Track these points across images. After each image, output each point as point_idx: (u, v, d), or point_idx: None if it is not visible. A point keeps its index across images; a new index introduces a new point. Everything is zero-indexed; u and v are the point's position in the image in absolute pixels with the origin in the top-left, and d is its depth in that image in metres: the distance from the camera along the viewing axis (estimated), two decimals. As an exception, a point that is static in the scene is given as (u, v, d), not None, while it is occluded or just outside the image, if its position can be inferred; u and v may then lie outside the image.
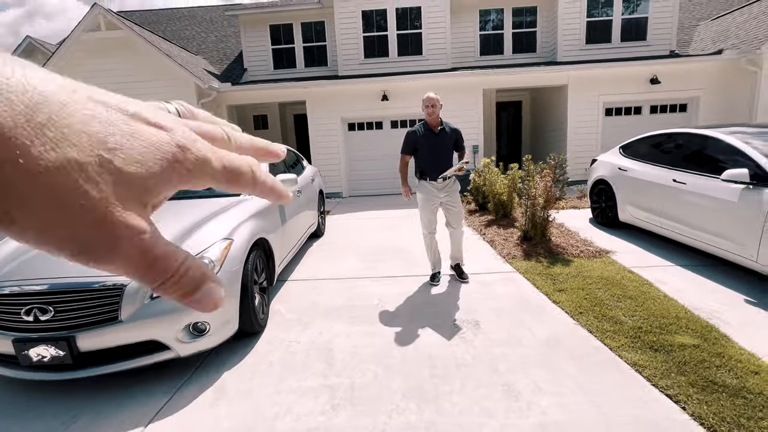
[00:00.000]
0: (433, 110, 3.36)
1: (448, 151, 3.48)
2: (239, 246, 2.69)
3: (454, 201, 3.51)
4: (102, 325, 2.11)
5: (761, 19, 9.07)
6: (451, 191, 3.50)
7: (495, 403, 2.07)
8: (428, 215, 3.55)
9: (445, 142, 3.44)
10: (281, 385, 2.32)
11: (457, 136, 3.52)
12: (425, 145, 3.42)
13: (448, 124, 3.49)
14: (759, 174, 3.23)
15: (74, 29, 8.59)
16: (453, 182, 3.50)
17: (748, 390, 2.01)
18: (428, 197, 3.49)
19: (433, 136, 3.41)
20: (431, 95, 3.36)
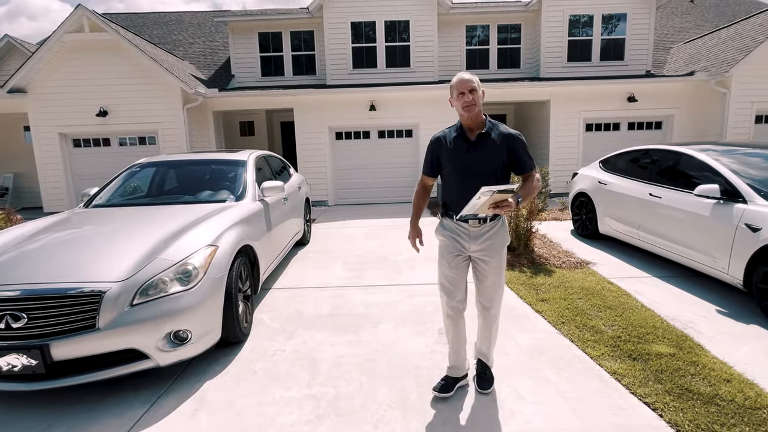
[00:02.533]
0: (472, 100, 1.94)
1: (491, 171, 1.99)
2: (224, 253, 2.66)
3: (493, 259, 2.04)
4: (78, 333, 2.04)
5: (729, 44, 9.59)
6: (491, 242, 2.03)
7: (479, 411, 2.09)
8: (448, 272, 2.13)
9: (487, 157, 1.99)
10: (264, 394, 2.28)
11: (514, 145, 2.00)
12: (453, 162, 2.05)
13: (499, 127, 2.04)
14: (729, 190, 3.39)
15: (56, 30, 8.42)
16: (496, 227, 2.04)
17: (721, 397, 2.08)
18: (450, 243, 2.10)
19: (467, 146, 2.02)
20: (465, 76, 1.98)
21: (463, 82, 1.98)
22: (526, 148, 2.07)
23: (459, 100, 2.00)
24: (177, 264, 2.36)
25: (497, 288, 2.14)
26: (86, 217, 3.16)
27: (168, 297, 2.26)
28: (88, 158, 9.35)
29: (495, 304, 2.17)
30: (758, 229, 3.02)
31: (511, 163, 2.05)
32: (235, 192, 3.65)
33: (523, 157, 2.05)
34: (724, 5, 15.24)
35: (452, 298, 2.18)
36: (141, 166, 4.09)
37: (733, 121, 8.96)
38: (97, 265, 2.23)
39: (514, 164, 2.06)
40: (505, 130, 2.05)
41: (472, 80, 1.99)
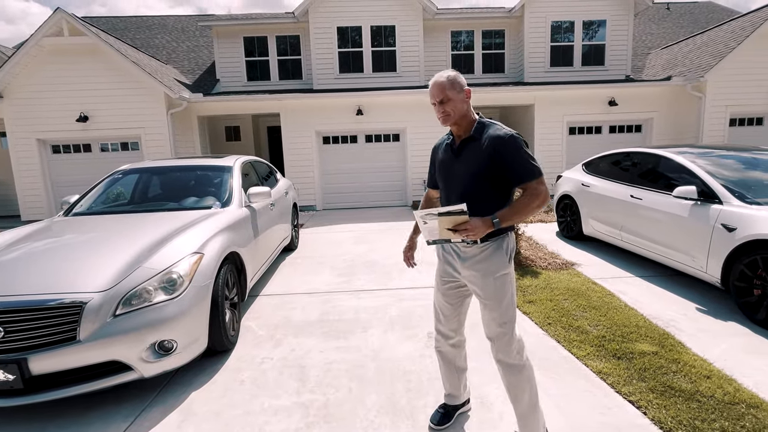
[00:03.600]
0: (445, 112, 1.68)
1: (475, 185, 1.67)
2: (210, 260, 2.62)
3: (483, 289, 1.70)
4: (58, 346, 1.98)
5: (703, 50, 9.93)
6: (480, 266, 1.69)
7: (468, 415, 2.10)
8: (439, 297, 1.92)
9: (468, 166, 1.69)
10: (252, 404, 2.24)
11: (500, 149, 1.61)
12: (439, 171, 1.85)
13: (489, 129, 1.67)
14: (705, 191, 3.51)
15: (34, 33, 8.21)
16: (488, 249, 1.68)
17: (702, 393, 2.14)
18: (441, 266, 1.89)
19: (452, 155, 1.76)
20: (435, 80, 1.70)
21: (432, 92, 1.70)
22: (520, 152, 1.60)
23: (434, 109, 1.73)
24: (161, 273, 2.32)
25: (497, 327, 1.68)
26: (66, 225, 3.08)
27: (152, 306, 2.22)
28: (68, 165, 9.12)
29: (499, 348, 1.70)
30: (734, 229, 3.13)
31: (501, 171, 1.62)
32: (221, 198, 3.61)
33: (513, 163, 1.59)
34: (698, 12, 15.79)
35: (439, 326, 1.93)
36: (124, 173, 4.01)
37: (709, 124, 9.27)
38: (78, 276, 2.18)
39: (506, 174, 1.62)
40: (495, 131, 1.64)
41: (443, 86, 1.66)
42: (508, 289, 1.70)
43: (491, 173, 1.64)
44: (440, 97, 1.68)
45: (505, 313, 1.68)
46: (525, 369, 1.72)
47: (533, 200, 1.58)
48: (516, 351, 1.70)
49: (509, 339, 1.69)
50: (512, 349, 1.70)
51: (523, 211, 1.59)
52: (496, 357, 1.74)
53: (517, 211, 1.59)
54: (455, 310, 1.88)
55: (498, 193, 1.67)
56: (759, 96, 9.32)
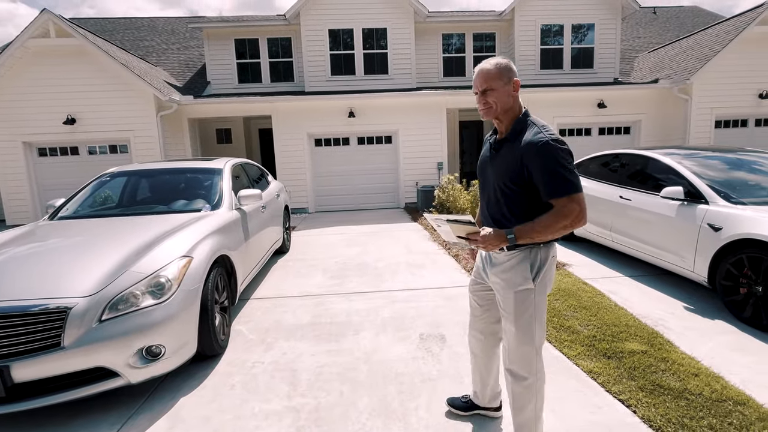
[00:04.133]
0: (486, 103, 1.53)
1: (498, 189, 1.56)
2: (199, 264, 2.59)
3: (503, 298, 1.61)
4: (42, 353, 1.94)
5: (689, 53, 10.13)
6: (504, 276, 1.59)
7: (461, 416, 2.09)
8: (471, 297, 1.87)
9: (497, 170, 1.57)
10: (243, 409, 2.22)
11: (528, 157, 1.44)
12: (479, 172, 1.72)
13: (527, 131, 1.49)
14: (692, 191, 3.56)
15: (19, 35, 8.08)
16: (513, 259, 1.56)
17: (690, 391, 2.16)
18: (475, 266, 1.84)
19: (490, 153, 1.64)
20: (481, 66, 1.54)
21: (477, 80, 1.52)
22: (553, 163, 1.39)
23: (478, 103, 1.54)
24: (149, 276, 2.28)
25: (510, 339, 1.60)
26: (51, 229, 3.02)
27: (140, 311, 2.18)
28: (54, 168, 8.97)
29: (511, 359, 1.62)
30: (719, 229, 3.18)
31: (530, 181, 1.45)
32: (211, 201, 3.57)
33: (542, 173, 1.40)
34: (684, 16, 16.11)
35: (471, 323, 1.91)
36: (111, 176, 3.94)
37: (695, 126, 9.44)
38: (63, 280, 2.13)
39: (535, 184, 1.45)
40: (530, 135, 1.45)
41: (490, 74, 1.48)
42: (529, 307, 1.55)
43: (522, 181, 1.46)
44: (483, 86, 1.49)
45: (524, 329, 1.56)
46: (536, 382, 1.62)
47: (559, 220, 1.39)
48: (528, 364, 1.60)
49: (524, 353, 1.59)
50: (525, 362, 1.60)
51: (545, 231, 1.41)
52: (506, 365, 1.66)
53: (537, 229, 1.42)
54: (483, 310, 1.82)
55: (528, 205, 1.48)
56: (743, 98, 9.52)
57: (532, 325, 1.58)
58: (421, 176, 9.79)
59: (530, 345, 1.59)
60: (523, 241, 1.44)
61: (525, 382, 1.62)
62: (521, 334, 1.58)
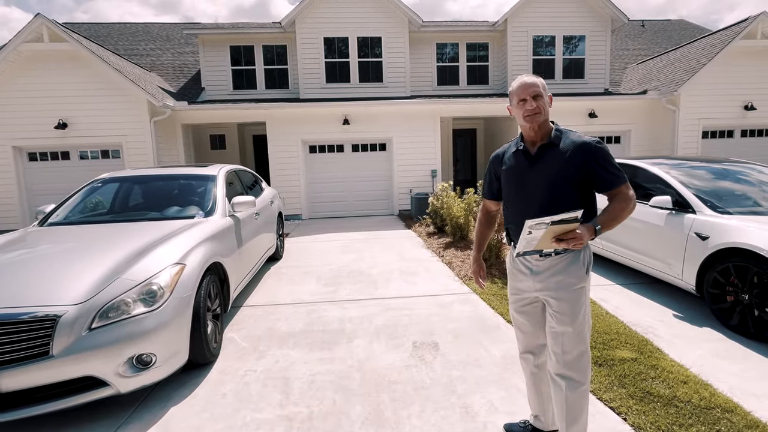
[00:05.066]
0: (536, 107, 1.59)
1: (559, 193, 1.61)
2: (192, 271, 2.57)
3: (559, 301, 1.62)
4: (30, 362, 1.91)
5: (677, 66, 10.37)
6: (556, 279, 1.63)
7: (453, 425, 2.10)
8: (514, 314, 1.85)
9: (549, 174, 1.62)
10: (235, 418, 2.19)
11: (588, 155, 1.58)
12: (509, 181, 1.74)
13: (569, 135, 1.64)
14: (679, 201, 3.63)
15: (12, 39, 8.02)
16: (565, 261, 1.62)
17: (679, 399, 2.19)
18: (510, 281, 1.82)
19: (526, 162, 1.67)
20: (527, 79, 1.63)
21: (525, 87, 1.61)
22: (608, 158, 1.59)
23: (520, 108, 1.62)
24: (141, 284, 2.26)
25: (565, 342, 1.60)
26: (41, 235, 2.99)
27: (130, 319, 2.16)
28: (44, 173, 8.86)
29: (565, 363, 1.61)
30: (706, 238, 3.24)
31: (588, 179, 1.60)
32: (204, 207, 3.56)
33: (603, 169, 1.57)
34: (671, 29, 16.52)
35: (521, 345, 1.86)
36: (103, 182, 3.91)
37: (683, 136, 9.64)
38: (52, 288, 2.11)
39: (593, 180, 1.60)
40: (578, 137, 1.61)
41: (536, 83, 1.61)
42: (584, 302, 1.63)
43: (578, 180, 1.60)
44: (535, 91, 1.60)
45: (580, 328, 1.61)
46: (587, 386, 1.63)
47: (628, 203, 1.56)
48: (584, 366, 1.62)
49: (580, 354, 1.61)
50: (582, 364, 1.61)
51: (620, 216, 1.55)
52: (560, 372, 1.62)
53: (615, 216, 1.55)
54: (532, 324, 1.78)
55: (583, 200, 1.62)
56: (729, 110, 9.76)
57: (585, 323, 1.63)
58: (415, 183, 9.84)
59: (585, 344, 1.63)
60: (605, 230, 1.53)
61: (582, 388, 1.60)
62: (576, 334, 1.61)
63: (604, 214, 1.56)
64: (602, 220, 1.54)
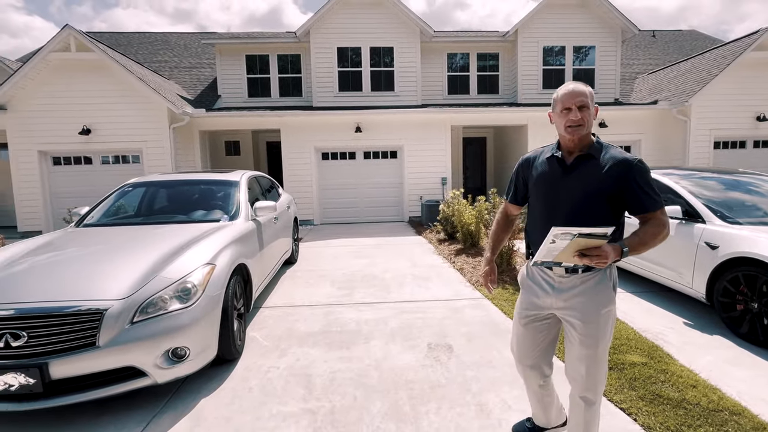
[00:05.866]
0: (581, 119, 1.53)
1: (590, 206, 1.56)
2: (221, 271, 2.73)
3: (584, 323, 1.57)
4: (78, 351, 2.07)
5: (688, 76, 10.41)
6: (581, 300, 1.58)
7: (469, 421, 2.20)
8: (518, 328, 1.79)
9: (584, 186, 1.56)
10: (261, 410, 2.33)
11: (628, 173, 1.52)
12: (540, 188, 1.69)
13: (610, 150, 1.59)
14: (689, 211, 3.71)
15: (42, 48, 8.40)
16: (592, 281, 1.57)
17: (688, 401, 2.27)
18: (525, 296, 1.76)
19: (561, 170, 1.62)
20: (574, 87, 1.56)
21: (572, 95, 1.53)
22: (648, 179, 1.51)
23: (562, 117, 1.55)
24: (177, 282, 2.42)
25: (590, 366, 1.57)
26: (80, 236, 3.18)
27: (167, 315, 2.31)
28: (67, 177, 9.18)
29: (588, 387, 1.60)
30: (716, 247, 3.32)
31: (623, 197, 1.53)
32: (229, 212, 3.74)
33: (640, 189, 1.50)
34: (682, 40, 16.54)
35: (519, 361, 1.81)
36: (133, 186, 4.12)
37: (694, 147, 9.65)
38: (99, 284, 2.28)
39: (627, 199, 1.53)
40: (619, 154, 1.55)
41: (585, 93, 1.53)
42: (610, 327, 1.57)
43: (610, 196, 1.52)
44: (581, 102, 1.52)
45: (603, 352, 1.57)
46: (600, 401, 1.67)
47: (661, 230, 1.49)
48: (601, 390, 1.63)
49: (603, 376, 1.61)
50: (602, 385, 1.62)
51: (651, 243, 1.48)
52: (582, 395, 1.62)
53: (645, 241, 1.48)
54: (535, 342, 1.74)
55: (613, 219, 1.54)
56: (741, 121, 9.75)
57: (608, 345, 1.60)
58: (426, 191, 9.98)
59: (606, 366, 1.61)
60: (632, 254, 1.47)
61: (595, 406, 1.64)
62: (601, 356, 1.57)
63: (633, 237, 1.47)
64: (631, 242, 1.45)
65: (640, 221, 1.56)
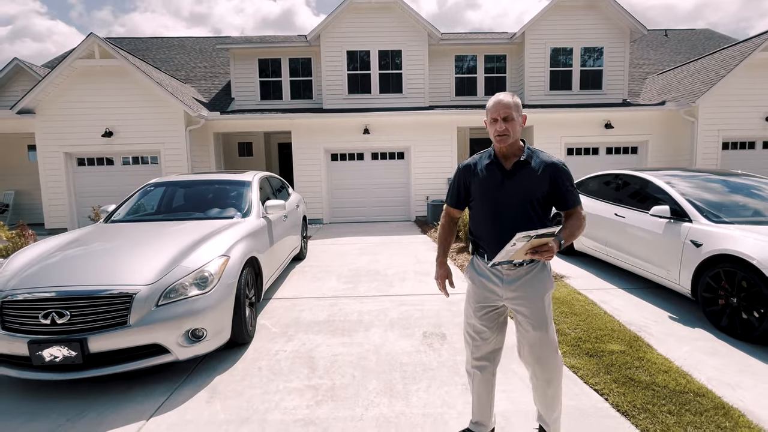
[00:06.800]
0: (505, 130, 1.72)
1: (528, 205, 1.76)
2: (234, 262, 3.03)
3: (530, 308, 1.78)
4: (113, 329, 2.38)
5: (696, 77, 10.40)
6: (527, 288, 1.78)
7: (455, 398, 2.44)
8: (473, 320, 1.92)
9: (523, 189, 1.76)
10: (270, 386, 2.61)
11: (557, 175, 1.76)
12: (484, 193, 1.83)
13: (539, 155, 1.80)
14: (677, 210, 3.87)
15: (68, 55, 8.90)
16: (535, 270, 1.79)
17: (657, 384, 2.47)
18: (477, 291, 1.90)
19: (501, 175, 1.79)
20: (502, 98, 1.73)
21: (498, 107, 1.71)
22: (571, 180, 1.78)
23: (491, 126, 1.75)
24: (195, 271, 2.73)
25: (546, 346, 1.76)
26: (109, 231, 3.52)
27: (187, 299, 2.61)
28: (91, 177, 9.69)
29: (548, 367, 1.78)
30: (700, 245, 3.48)
31: (553, 196, 1.78)
32: (242, 209, 4.04)
33: (567, 190, 1.77)
34: (695, 39, 16.37)
35: (474, 352, 1.92)
36: (154, 186, 4.47)
37: (702, 148, 9.65)
38: (128, 271, 2.59)
39: (556, 198, 1.79)
40: (548, 158, 1.78)
41: (509, 105, 1.70)
42: (550, 307, 1.82)
43: (545, 197, 1.76)
44: (506, 114, 1.70)
45: (552, 332, 1.79)
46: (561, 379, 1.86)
47: (582, 222, 1.77)
48: (559, 364, 1.81)
49: (556, 354, 1.79)
50: (558, 363, 1.80)
51: (577, 233, 1.76)
52: (541, 375, 1.79)
53: (573, 233, 1.74)
54: (491, 331, 1.88)
55: (544, 216, 1.79)
56: (750, 121, 9.71)
57: (552, 325, 1.81)
58: (432, 191, 10.20)
59: (556, 343, 1.80)
60: (565, 245, 1.69)
61: (555, 382, 1.81)
62: (551, 336, 1.77)
63: (565, 231, 1.72)
64: (564, 235, 1.70)
65: (565, 216, 1.82)
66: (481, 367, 1.92)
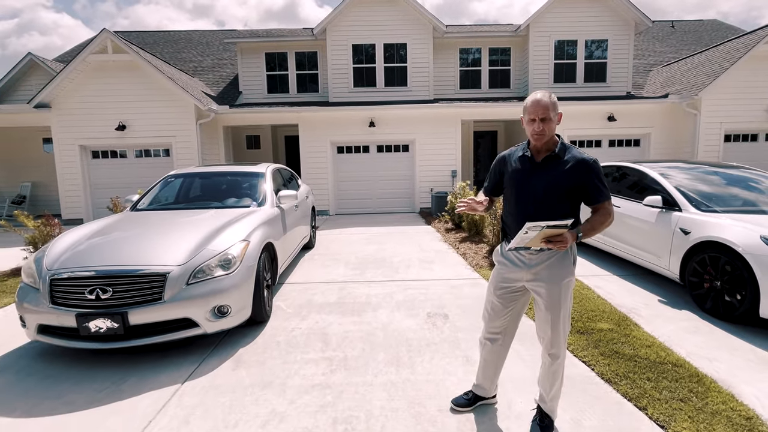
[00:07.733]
0: (542, 130, 1.82)
1: (553, 197, 1.85)
2: (254, 246, 3.30)
3: (547, 291, 1.90)
4: (150, 304, 2.66)
5: (700, 69, 10.46)
6: (545, 272, 1.90)
7: (456, 368, 2.71)
8: (492, 298, 2.08)
9: (551, 182, 1.85)
10: (288, 357, 2.89)
11: (586, 171, 1.82)
12: (514, 182, 1.95)
13: (572, 150, 1.87)
14: (668, 200, 4.08)
15: (82, 51, 9.15)
16: (555, 256, 1.88)
17: (640, 356, 2.71)
18: (501, 272, 2.04)
19: (530, 167, 1.91)
20: (540, 98, 1.81)
21: (537, 107, 1.79)
22: (601, 177, 1.84)
23: (528, 125, 1.84)
24: (220, 253, 3.00)
25: (554, 327, 1.90)
26: (136, 218, 3.80)
27: (214, 279, 2.89)
28: (105, 169, 10.01)
29: (553, 344, 1.92)
30: (689, 232, 3.70)
31: (581, 191, 1.85)
32: (257, 199, 4.31)
33: (595, 186, 1.82)
34: (702, 30, 16.28)
35: (488, 324, 2.12)
36: (174, 177, 4.74)
37: (704, 140, 9.75)
38: (162, 253, 2.87)
39: (583, 193, 1.85)
40: (579, 154, 1.84)
41: (548, 106, 1.77)
42: (569, 294, 1.91)
43: (571, 190, 1.83)
44: (544, 114, 1.78)
45: (565, 315, 1.90)
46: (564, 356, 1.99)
47: (607, 218, 1.83)
48: (564, 346, 1.95)
49: (565, 334, 1.93)
50: (564, 342, 1.95)
51: (599, 228, 1.83)
52: (549, 351, 1.95)
53: (594, 227, 1.83)
54: (507, 309, 2.04)
55: (570, 208, 1.86)
56: (752, 113, 9.79)
57: (569, 310, 1.93)
58: (436, 183, 10.41)
59: (568, 327, 1.95)
60: (585, 238, 1.79)
61: (559, 360, 1.95)
62: (563, 319, 1.90)
63: (586, 224, 1.83)
64: (584, 228, 1.81)
65: (592, 210, 1.89)
66: (492, 339, 2.13)
